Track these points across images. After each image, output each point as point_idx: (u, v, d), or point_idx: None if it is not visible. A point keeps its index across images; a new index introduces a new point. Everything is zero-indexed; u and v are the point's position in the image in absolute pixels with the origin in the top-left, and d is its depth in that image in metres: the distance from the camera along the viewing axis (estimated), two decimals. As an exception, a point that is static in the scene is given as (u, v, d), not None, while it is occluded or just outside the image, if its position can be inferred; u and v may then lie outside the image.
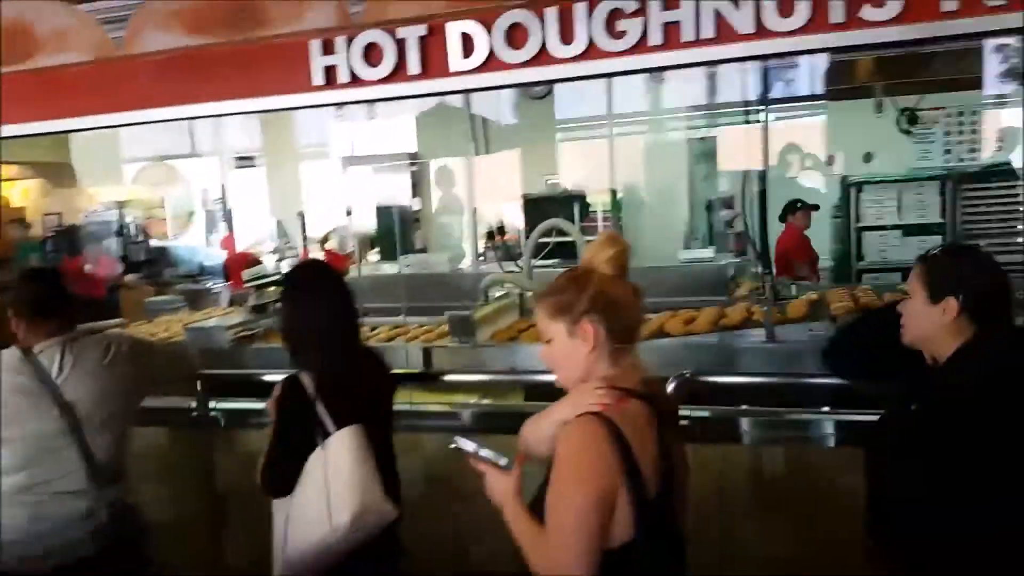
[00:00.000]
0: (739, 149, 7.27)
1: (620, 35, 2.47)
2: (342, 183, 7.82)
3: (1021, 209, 6.00)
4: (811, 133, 7.67)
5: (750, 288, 4.86)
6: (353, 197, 7.69)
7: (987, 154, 6.50)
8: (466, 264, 6.42)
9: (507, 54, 2.60)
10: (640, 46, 2.46)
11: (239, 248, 7.57)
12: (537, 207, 6.85)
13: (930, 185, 6.16)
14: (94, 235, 8.67)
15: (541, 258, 5.30)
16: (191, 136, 8.72)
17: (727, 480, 2.62)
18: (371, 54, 2.77)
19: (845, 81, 6.66)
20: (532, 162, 7.25)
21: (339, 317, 2.21)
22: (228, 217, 8.82)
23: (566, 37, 2.53)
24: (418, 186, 7.78)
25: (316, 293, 2.21)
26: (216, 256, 8.22)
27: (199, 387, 3.14)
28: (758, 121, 7.45)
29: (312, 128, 8.22)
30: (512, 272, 4.49)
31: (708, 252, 5.84)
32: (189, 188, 9.55)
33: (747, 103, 6.99)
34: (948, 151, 6.73)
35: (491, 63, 2.63)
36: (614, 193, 6.82)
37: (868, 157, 7.41)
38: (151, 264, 8.79)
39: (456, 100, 7.42)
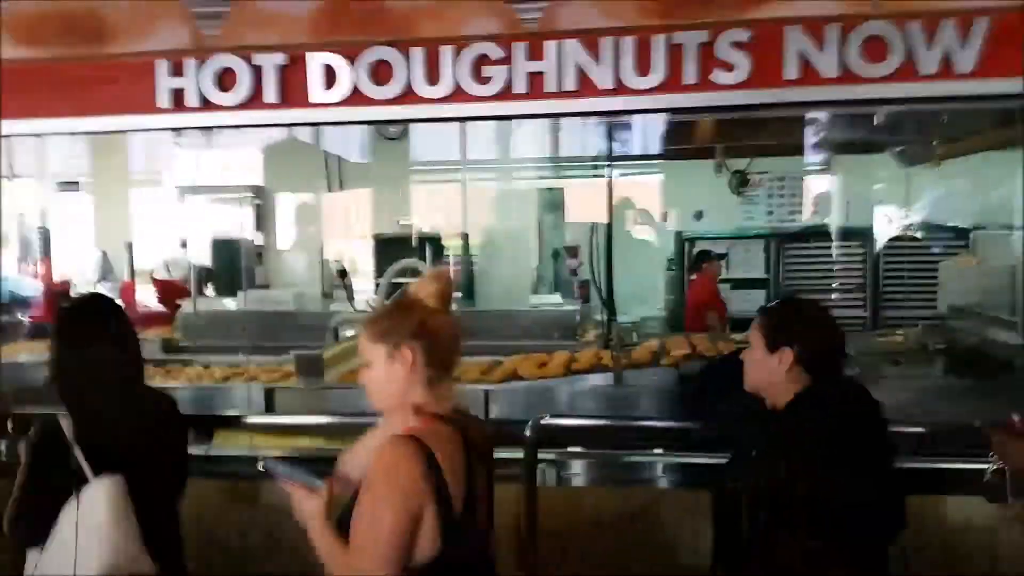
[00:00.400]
0: (585, 201, 7.58)
1: (485, 80, 2.50)
2: (178, 213, 7.39)
3: (834, 268, 6.61)
4: (651, 189, 8.09)
5: (596, 334, 5.00)
6: (189, 228, 7.29)
7: (806, 216, 7.12)
8: (312, 303, 6.21)
9: (371, 90, 2.56)
10: (505, 93, 2.50)
11: (56, 278, 6.95)
12: (388, 247, 6.77)
13: (756, 243, 6.64)
14: None
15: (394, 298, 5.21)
16: (7, 155, 7.94)
17: (582, 520, 2.64)
18: (224, 79, 2.64)
19: (684, 142, 7.10)
20: (384, 202, 7.17)
21: (108, 356, 2.04)
22: (46, 245, 8.10)
23: (432, 78, 2.53)
24: (262, 220, 7.47)
25: (83, 330, 2.05)
26: (31, 286, 7.48)
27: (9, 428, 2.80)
28: (602, 176, 7.83)
29: (146, 154, 7.73)
30: (364, 312, 4.37)
31: (556, 298, 5.97)
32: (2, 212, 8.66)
33: (594, 158, 7.30)
34: (771, 212, 7.33)
35: (354, 98, 2.58)
36: (466, 237, 6.86)
37: (699, 215, 7.90)
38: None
39: (307, 135, 7.25)
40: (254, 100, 2.61)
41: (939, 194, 7.18)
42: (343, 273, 4.42)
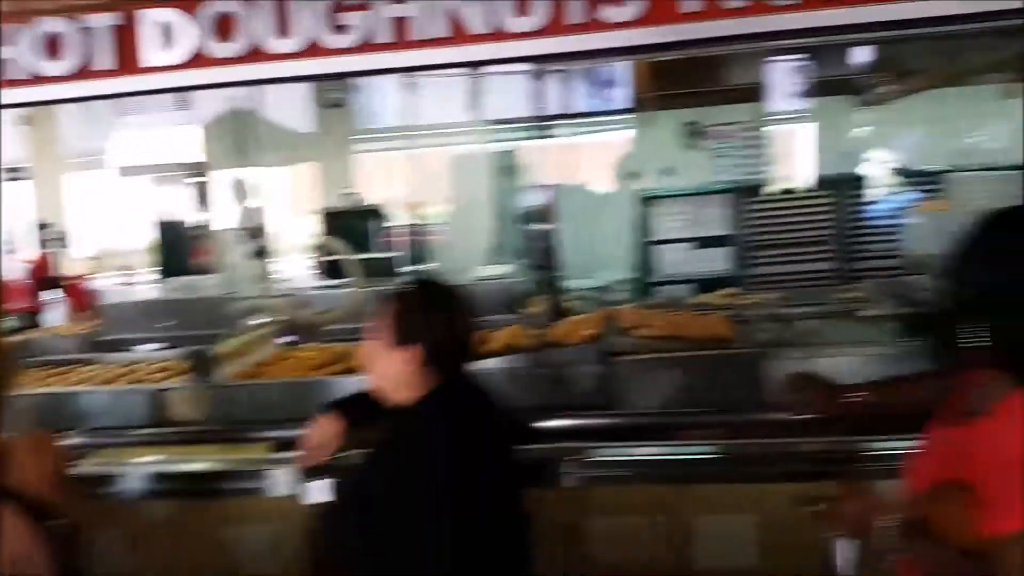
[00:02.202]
0: (542, 163, 7.24)
1: (343, 30, 2.16)
2: (117, 194, 7.06)
3: (800, 220, 6.29)
4: (614, 148, 7.74)
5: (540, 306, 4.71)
6: (128, 209, 6.96)
7: (771, 168, 6.79)
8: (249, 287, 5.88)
9: (215, 48, 2.22)
10: (367, 44, 2.16)
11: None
12: (337, 222, 6.45)
13: (718, 198, 6.30)
14: None
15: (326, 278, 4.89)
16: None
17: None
18: (52, 46, 2.30)
19: (646, 94, 6.73)
20: (329, 174, 6.82)
21: None
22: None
23: (283, 31, 2.19)
24: (204, 199, 7.12)
25: None
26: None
27: None
28: (557, 136, 7.49)
29: (83, 133, 7.37)
30: (285, 296, 4.05)
31: (504, 269, 5.65)
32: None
33: (553, 116, 6.96)
34: (737, 165, 6.99)
35: (197, 59, 2.24)
36: (418, 207, 6.54)
37: (668, 172, 7.57)
38: None
39: (248, 105, 6.88)
40: (85, 68, 2.28)
41: (911, 136, 6.87)
42: (260, 253, 4.09)
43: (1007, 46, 3.63)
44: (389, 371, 1.62)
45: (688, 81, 6.04)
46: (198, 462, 2.54)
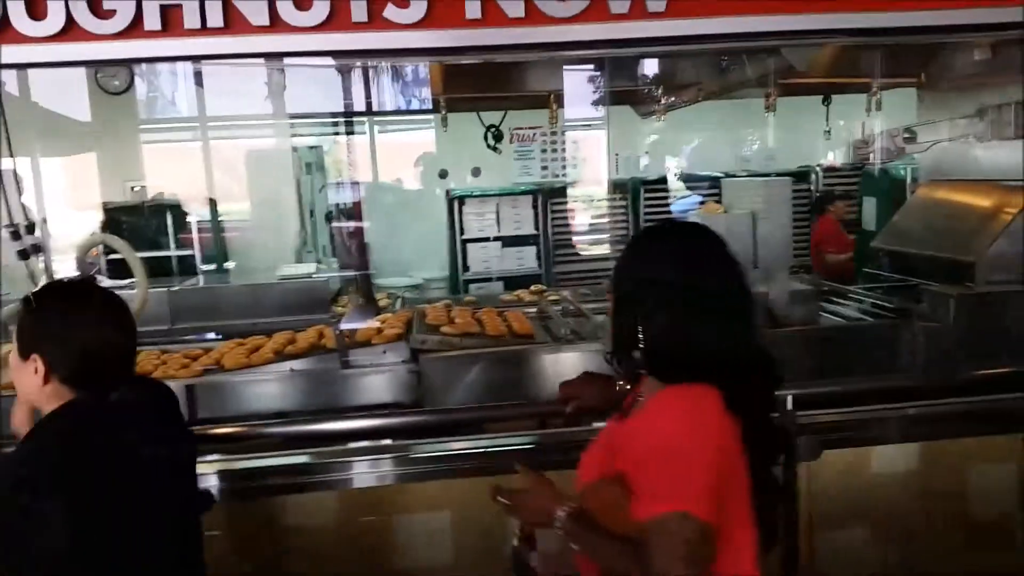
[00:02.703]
0: (353, 160, 7.09)
1: (108, 15, 2.00)
2: None
3: (599, 220, 6.64)
4: (423, 146, 7.74)
5: (349, 305, 4.64)
6: None
7: (573, 170, 7.09)
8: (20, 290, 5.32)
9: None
10: (133, 29, 2.01)
11: None
12: (122, 217, 5.97)
13: (524, 198, 6.51)
14: None
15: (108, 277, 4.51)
16: None
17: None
18: None
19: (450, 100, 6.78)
20: (112, 166, 6.29)
21: None
22: None
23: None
24: (-39, 191, 6.33)
25: None
26: None
27: None
28: (364, 133, 7.39)
29: None
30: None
31: (310, 267, 5.50)
32: None
33: (359, 113, 6.82)
34: (545, 167, 7.22)
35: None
36: (213, 202, 6.18)
37: (476, 172, 7.68)
38: None
39: (13, 87, 6.19)
40: None
41: (695, 144, 7.44)
42: (24, 254, 3.68)
43: (769, 63, 4.00)
44: (22, 386, 1.45)
45: (485, 85, 6.16)
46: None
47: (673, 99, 4.90)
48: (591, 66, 6.72)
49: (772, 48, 3.38)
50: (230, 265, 6.22)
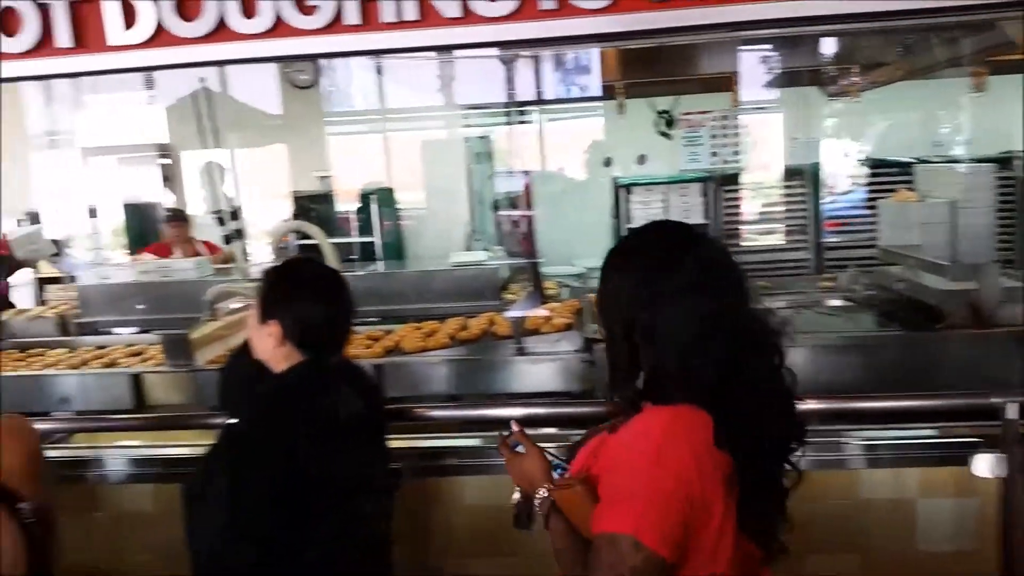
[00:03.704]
0: (519, 148, 7.19)
1: (311, 10, 2.11)
2: (84, 177, 6.89)
3: (775, 209, 6.34)
4: (591, 134, 7.71)
5: (520, 293, 4.70)
6: (96, 192, 6.81)
7: (747, 156, 6.80)
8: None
9: (179, 27, 2.16)
10: (335, 25, 2.11)
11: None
12: (310, 205, 6.37)
13: (693, 186, 6.32)
14: None
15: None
16: None
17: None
18: (8, 21, 2.22)
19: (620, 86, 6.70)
20: (301, 156, 6.72)
21: None
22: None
23: (248, 10, 2.13)
24: (170, 181, 6.98)
25: None
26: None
27: None
28: (533, 121, 7.44)
29: (50, 113, 7.20)
30: (252, 281, 3.99)
31: (482, 255, 5.61)
32: None
33: (526, 103, 6.90)
34: (715, 153, 6.99)
35: (161, 36, 2.18)
36: (389, 192, 6.46)
37: (642, 159, 7.56)
38: None
39: (216, 85, 6.75)
40: (44, 45, 2.20)
41: (883, 127, 6.92)
42: (229, 238, 4.02)
43: (973, 40, 3.64)
44: (259, 346, 1.64)
45: (659, 69, 6.03)
46: (174, 448, 2.50)
47: (865, 79, 4.57)
48: (768, 46, 6.44)
49: (986, 21, 3.07)
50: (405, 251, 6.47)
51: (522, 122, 6.61)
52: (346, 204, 6.53)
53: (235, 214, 4.01)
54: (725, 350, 1.19)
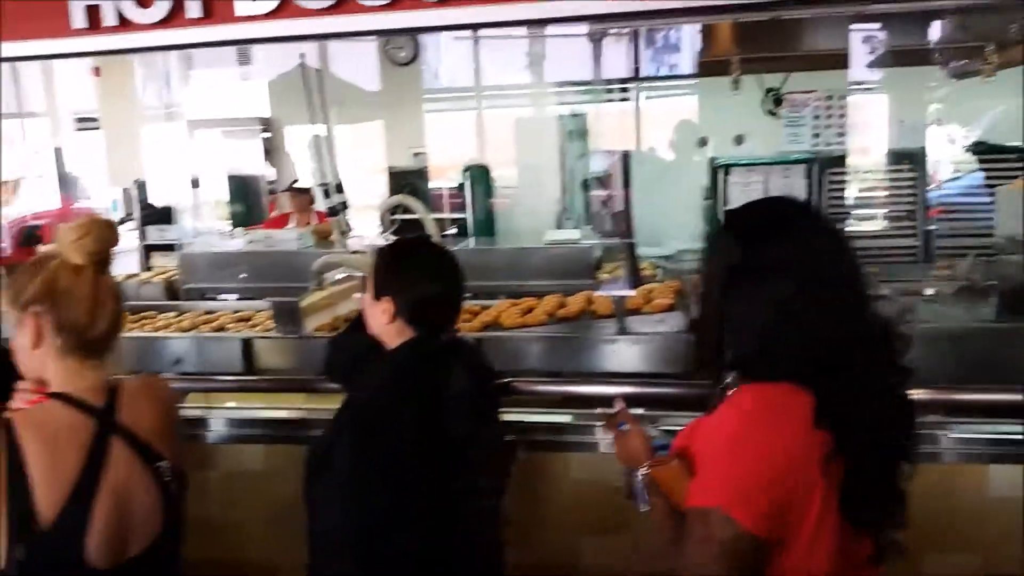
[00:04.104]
0: (612, 127, 7.10)
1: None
2: (189, 148, 7.16)
3: (882, 194, 6.08)
4: (686, 112, 7.53)
5: (615, 272, 4.67)
6: (200, 164, 7.06)
7: (853, 138, 6.54)
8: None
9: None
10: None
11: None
12: (403, 180, 6.46)
13: (796, 168, 6.10)
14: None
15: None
16: (17, 93, 7.79)
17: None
18: (142, -7, 2.30)
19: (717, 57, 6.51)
20: (397, 132, 6.80)
21: None
22: (64, 183, 8.01)
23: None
24: (271, 154, 7.18)
25: None
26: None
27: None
28: (629, 99, 7.32)
29: (155, 87, 7.49)
30: (355, 252, 4.07)
31: (575, 233, 5.57)
32: (17, 152, 8.57)
33: (623, 80, 6.80)
34: (818, 135, 6.73)
35: (286, 8, 2.21)
36: (484, 168, 6.48)
37: (739, 139, 7.35)
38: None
39: (314, 62, 6.88)
40: (175, 16, 2.27)
41: (998, 111, 6.53)
42: (335, 210, 4.10)
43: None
44: (373, 322, 1.68)
45: (767, 45, 5.82)
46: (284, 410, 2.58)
47: (1000, 58, 4.30)
48: (878, 24, 6.15)
49: None
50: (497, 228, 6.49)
51: (618, 100, 6.51)
52: (439, 180, 6.59)
53: (340, 187, 4.09)
54: (812, 335, 1.18)
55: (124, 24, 2.30)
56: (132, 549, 1.43)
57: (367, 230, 5.14)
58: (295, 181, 5.50)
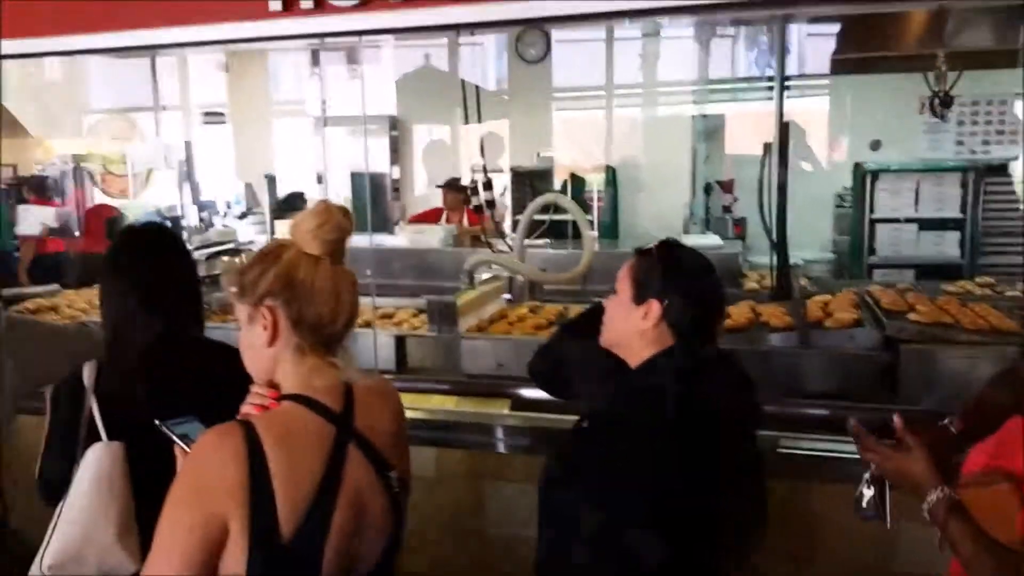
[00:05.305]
0: (744, 128, 6.80)
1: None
2: (315, 144, 7.24)
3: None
4: (819, 115, 7.17)
5: (762, 282, 4.40)
6: (327, 160, 7.13)
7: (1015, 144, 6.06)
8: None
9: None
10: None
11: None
12: (528, 181, 6.35)
13: (950, 176, 5.69)
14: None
15: (535, 237, 4.73)
16: (154, 87, 8.05)
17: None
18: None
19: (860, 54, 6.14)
20: (523, 133, 6.69)
21: (145, 295, 1.69)
22: (190, 177, 8.23)
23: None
24: (397, 152, 7.19)
25: (119, 264, 1.74)
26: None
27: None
28: (764, 99, 6.99)
29: (284, 83, 7.62)
30: (501, 252, 3.95)
31: (714, 239, 5.32)
32: (151, 144, 8.88)
33: (758, 78, 6.52)
34: (961, 142, 6.27)
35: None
36: (611, 170, 6.31)
37: (875, 145, 6.94)
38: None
39: (442, 62, 6.86)
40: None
41: None
42: (480, 208, 3.99)
43: None
44: (622, 327, 1.53)
45: (926, 41, 5.43)
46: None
47: None
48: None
49: None
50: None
51: (754, 99, 6.23)
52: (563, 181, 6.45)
53: (488, 185, 3.99)
54: None
55: (320, 6, 2.22)
56: (361, 567, 1.31)
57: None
58: (457, 179, 5.45)
